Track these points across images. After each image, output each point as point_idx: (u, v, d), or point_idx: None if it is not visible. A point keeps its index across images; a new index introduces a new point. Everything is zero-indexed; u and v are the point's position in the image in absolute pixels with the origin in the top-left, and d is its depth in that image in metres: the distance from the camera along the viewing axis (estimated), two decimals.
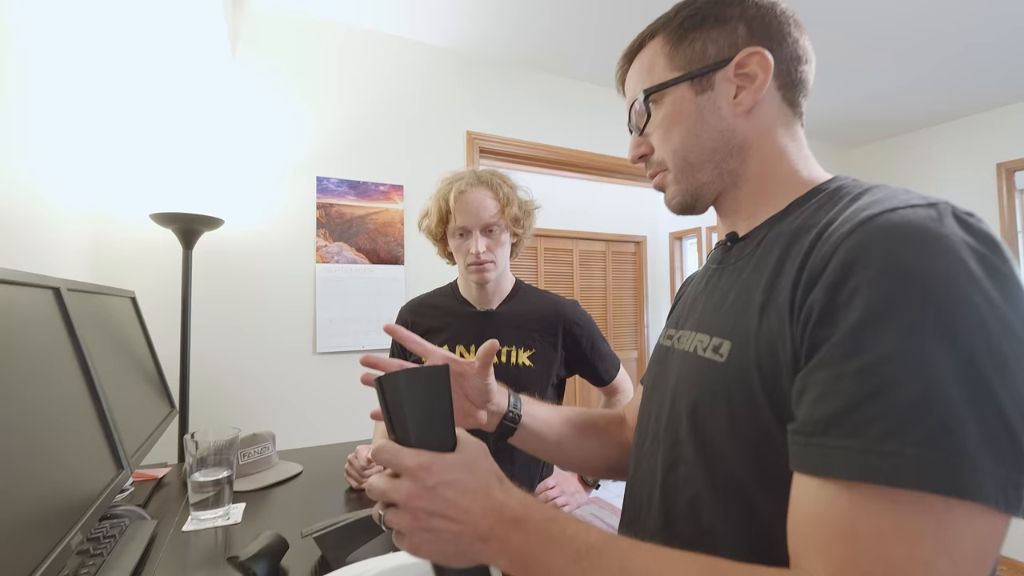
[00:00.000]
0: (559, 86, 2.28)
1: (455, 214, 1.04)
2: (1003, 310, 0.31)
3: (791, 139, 0.50)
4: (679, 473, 0.47)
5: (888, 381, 0.31)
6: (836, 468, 0.32)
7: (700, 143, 0.51)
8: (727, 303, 0.47)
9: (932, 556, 0.29)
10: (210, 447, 0.85)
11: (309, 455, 1.23)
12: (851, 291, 0.33)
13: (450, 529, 0.38)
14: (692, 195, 0.53)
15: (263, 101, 1.67)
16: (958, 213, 0.35)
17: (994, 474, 0.29)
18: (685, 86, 0.50)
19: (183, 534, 0.79)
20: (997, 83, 2.43)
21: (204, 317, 1.54)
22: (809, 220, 0.42)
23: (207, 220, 1.36)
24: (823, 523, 0.32)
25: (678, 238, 4.62)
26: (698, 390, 0.46)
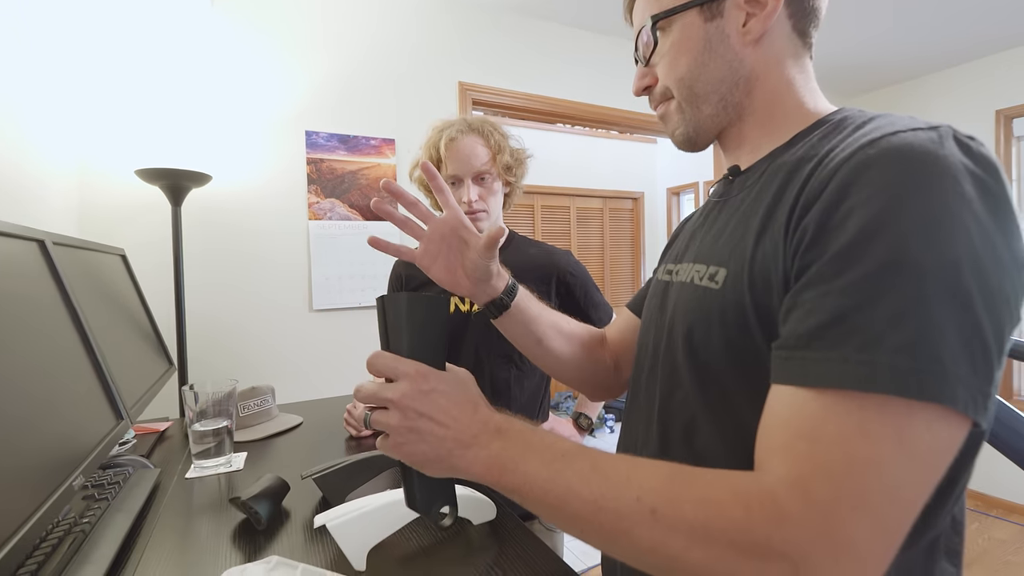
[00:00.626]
0: (553, 33, 2.19)
1: (446, 162, 1.02)
2: (991, 232, 0.32)
3: (799, 71, 0.49)
4: (675, 398, 0.49)
5: (871, 295, 0.32)
6: (812, 377, 0.33)
7: (707, 72, 0.49)
8: (726, 233, 0.47)
9: (889, 455, 0.30)
10: (208, 398, 0.86)
11: (308, 408, 1.25)
12: (845, 212, 0.34)
13: (435, 432, 0.41)
14: (695, 128, 0.52)
15: (247, 53, 1.61)
16: (959, 136, 0.35)
17: (966, 382, 0.30)
18: (694, 12, 0.48)
19: (187, 480, 0.81)
20: (995, 28, 2.35)
21: (197, 275, 1.54)
22: (812, 150, 0.42)
23: (194, 176, 1.34)
24: (790, 426, 0.34)
25: (675, 193, 4.56)
26: (694, 317, 0.46)
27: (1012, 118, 2.63)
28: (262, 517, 0.64)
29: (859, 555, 0.30)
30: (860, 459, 0.30)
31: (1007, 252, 0.32)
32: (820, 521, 0.30)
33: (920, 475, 0.31)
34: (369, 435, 1.03)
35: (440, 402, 0.41)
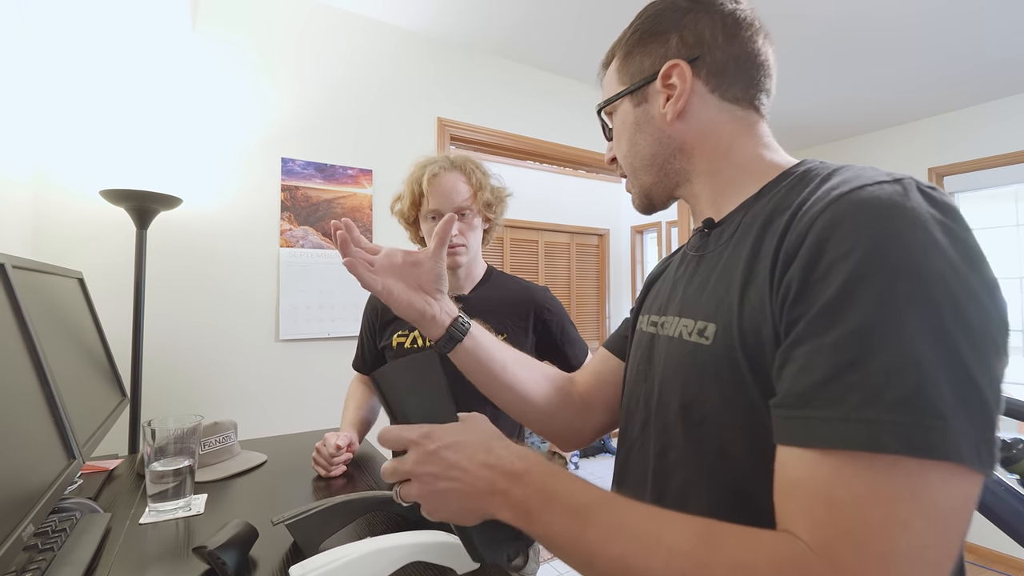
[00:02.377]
0: (530, 76, 2.28)
1: (428, 197, 1.04)
2: (967, 277, 0.33)
3: (743, 132, 0.52)
4: (669, 458, 0.48)
5: (863, 351, 0.32)
6: (816, 438, 0.33)
7: (639, 150, 0.56)
8: (709, 286, 0.48)
9: (908, 517, 0.30)
10: (170, 436, 0.81)
11: (273, 445, 1.19)
12: (826, 267, 0.35)
13: (454, 488, 0.42)
14: (645, 195, 0.58)
15: (225, 76, 1.59)
16: (922, 187, 0.37)
17: (967, 434, 0.30)
18: (627, 100, 0.56)
19: (140, 527, 0.75)
20: (928, 95, 2.62)
21: (159, 302, 1.46)
22: (783, 201, 0.44)
23: (163, 199, 1.29)
24: (804, 489, 0.34)
25: (639, 232, 4.72)
26: (686, 374, 0.46)
27: (943, 175, 2.90)
28: (229, 568, 0.60)
29: None
30: (879, 523, 0.30)
31: (985, 293, 0.33)
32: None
33: (942, 535, 0.30)
34: (338, 475, 0.99)
35: (449, 457, 0.42)
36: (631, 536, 0.37)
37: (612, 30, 0.61)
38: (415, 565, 0.62)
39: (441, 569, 0.63)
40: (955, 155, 2.83)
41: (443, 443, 0.43)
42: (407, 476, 0.43)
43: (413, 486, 0.43)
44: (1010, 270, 2.71)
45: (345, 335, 1.75)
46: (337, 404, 1.63)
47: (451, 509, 0.42)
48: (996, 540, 2.51)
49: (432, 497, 0.42)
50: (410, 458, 0.43)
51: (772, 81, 0.53)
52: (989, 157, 2.70)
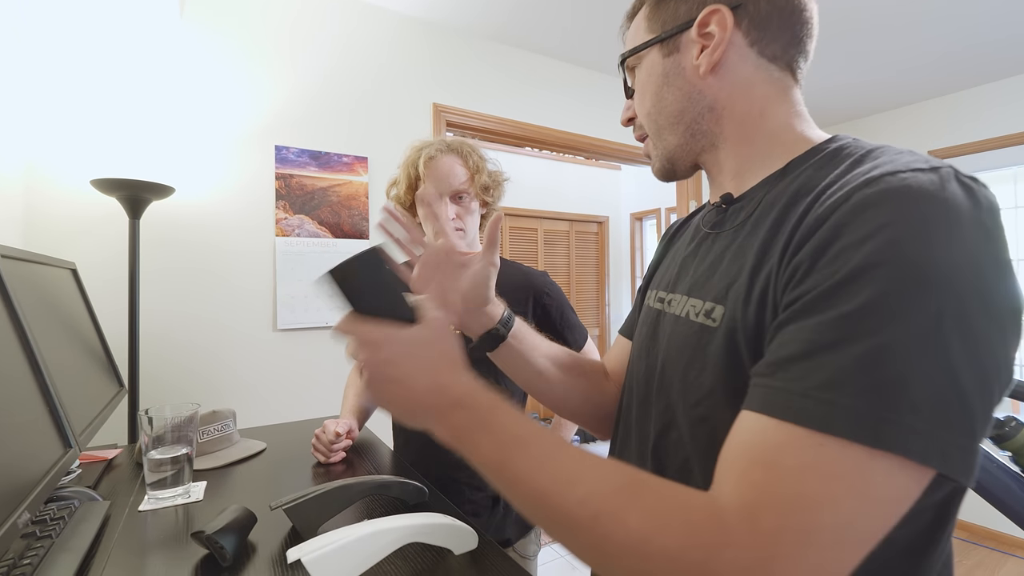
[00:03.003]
0: (528, 61, 2.25)
1: (424, 180, 1.03)
2: (990, 283, 0.31)
3: (777, 96, 0.48)
4: (670, 438, 0.47)
5: (844, 335, 0.31)
6: (774, 406, 0.33)
7: (666, 106, 0.51)
8: (721, 267, 0.46)
9: (841, 495, 0.30)
10: (167, 424, 0.81)
11: (272, 433, 1.19)
12: (836, 252, 0.33)
13: (400, 394, 0.43)
14: (668, 158, 0.53)
15: (216, 63, 1.57)
16: (961, 178, 0.34)
17: (929, 435, 0.29)
18: (656, 49, 0.51)
19: (140, 514, 0.76)
20: (929, 76, 2.59)
21: (154, 292, 1.46)
22: (809, 182, 0.41)
23: (156, 188, 1.28)
24: (749, 452, 0.33)
25: (639, 219, 4.70)
26: (690, 355, 0.45)
27: (944, 158, 2.87)
28: (228, 552, 0.60)
29: None
30: (813, 496, 0.30)
31: (1005, 304, 0.32)
32: (761, 551, 0.30)
33: (871, 521, 0.30)
34: (338, 461, 0.99)
35: (397, 371, 0.43)
36: (554, 472, 0.37)
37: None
38: (412, 546, 0.62)
39: (438, 550, 0.63)
40: (956, 137, 2.81)
41: (393, 354, 0.43)
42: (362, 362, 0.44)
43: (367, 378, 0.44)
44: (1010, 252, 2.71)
45: None
46: (336, 392, 1.64)
47: (395, 407, 0.44)
48: (987, 517, 2.54)
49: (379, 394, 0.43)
50: (363, 355, 0.43)
51: (813, 43, 0.49)
52: (989, 139, 2.69)
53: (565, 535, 0.36)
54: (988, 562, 2.45)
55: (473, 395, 0.42)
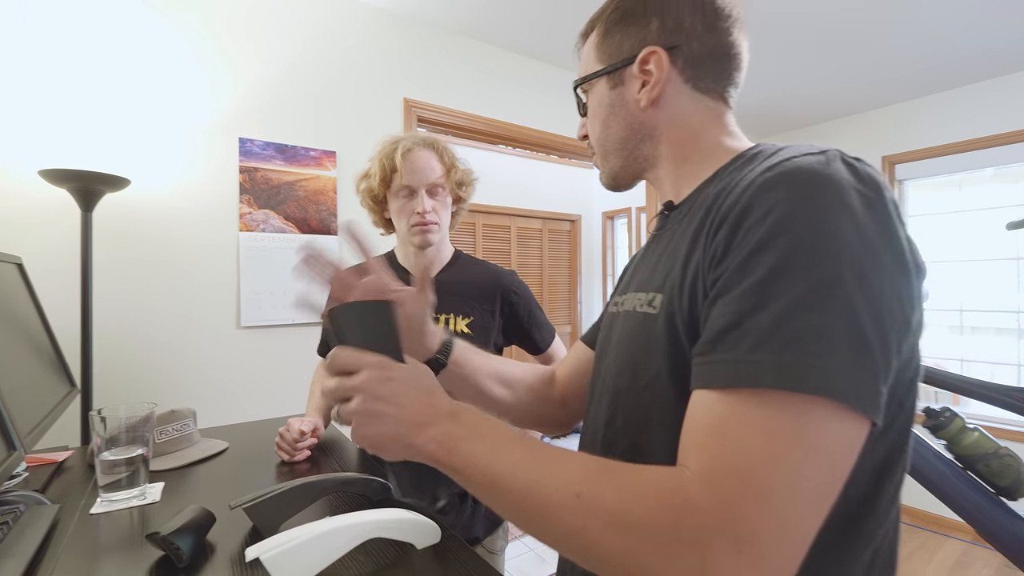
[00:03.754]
0: (499, 58, 2.25)
1: (401, 172, 1.02)
2: (873, 240, 0.36)
3: (711, 122, 0.53)
4: (616, 425, 0.51)
5: (762, 300, 0.35)
6: (715, 379, 0.36)
7: (611, 133, 0.56)
8: (661, 262, 0.51)
9: (786, 449, 0.32)
10: (122, 424, 0.79)
11: (235, 432, 1.17)
12: (746, 230, 0.38)
13: (393, 414, 0.44)
14: (612, 177, 0.60)
15: (176, 51, 1.51)
16: (845, 158, 0.39)
17: (849, 376, 0.33)
18: (603, 80, 0.56)
19: (92, 517, 0.73)
20: (883, 84, 2.71)
21: (110, 289, 1.40)
22: (730, 181, 0.46)
23: (110, 179, 1.23)
24: (703, 426, 0.37)
25: (610, 217, 4.77)
26: (638, 342, 0.49)
27: (895, 163, 3.03)
28: (184, 553, 0.59)
29: (760, 548, 0.32)
30: (761, 455, 0.33)
31: (891, 258, 0.36)
32: (724, 514, 0.32)
33: (819, 470, 0.33)
34: (303, 460, 0.98)
35: (398, 388, 0.45)
36: (539, 464, 0.40)
37: (579, 11, 0.61)
38: (375, 542, 0.63)
39: (401, 545, 0.64)
40: (905, 144, 2.96)
41: (396, 375, 0.46)
42: (352, 393, 0.44)
43: (355, 403, 0.44)
44: (951, 254, 2.87)
45: (309, 321, 1.73)
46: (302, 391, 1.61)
47: (380, 433, 0.44)
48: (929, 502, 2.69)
49: (369, 417, 0.44)
50: (363, 376, 0.45)
51: (742, 74, 0.54)
52: (935, 146, 2.84)
53: (548, 525, 0.38)
54: (929, 544, 2.60)
55: (461, 409, 0.45)
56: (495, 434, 0.43)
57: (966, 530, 2.62)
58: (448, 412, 0.45)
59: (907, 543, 2.61)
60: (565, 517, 0.37)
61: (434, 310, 1.04)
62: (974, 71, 2.54)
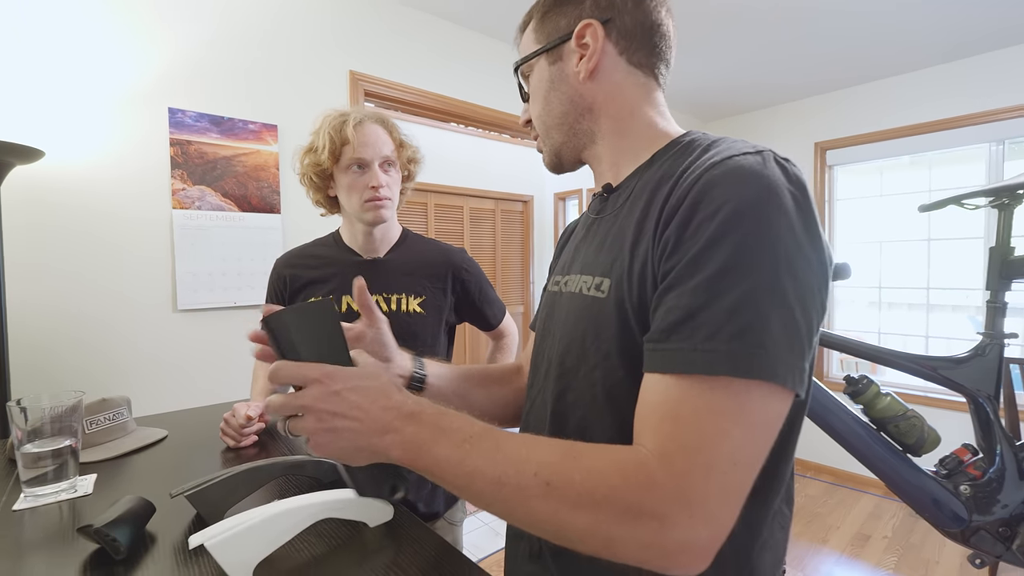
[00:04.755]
0: (451, 33, 2.20)
1: (354, 145, 0.98)
2: (801, 238, 0.40)
3: (644, 98, 0.56)
4: (567, 400, 0.53)
5: (712, 295, 0.39)
6: (671, 365, 0.40)
7: (552, 108, 0.58)
8: (605, 246, 0.53)
9: (730, 427, 0.37)
10: (45, 415, 0.74)
11: (174, 420, 1.12)
12: (696, 225, 0.41)
13: (351, 427, 0.43)
14: (555, 154, 0.60)
15: (94, 13, 1.37)
16: (778, 159, 0.44)
17: (785, 361, 0.38)
18: (543, 58, 0.57)
19: (14, 513, 0.69)
20: (813, 75, 2.86)
21: (24, 272, 1.29)
22: (669, 169, 0.49)
23: (18, 150, 1.12)
24: (657, 409, 0.40)
25: (562, 198, 4.82)
26: (586, 324, 0.51)
27: (826, 149, 3.22)
28: (121, 545, 0.57)
29: (709, 511, 0.37)
30: (709, 434, 0.37)
31: (814, 254, 0.41)
32: (679, 487, 0.37)
33: (756, 440, 0.38)
34: (250, 445, 0.96)
35: (351, 398, 0.44)
36: (506, 457, 0.41)
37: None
38: (326, 523, 0.63)
39: (353, 524, 0.64)
40: (836, 132, 3.15)
41: (346, 385, 0.44)
42: (300, 411, 0.44)
43: (307, 421, 0.43)
44: (872, 235, 3.11)
45: (253, 303, 1.66)
46: (245, 375, 1.56)
47: (342, 448, 0.44)
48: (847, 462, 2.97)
49: (326, 434, 0.43)
50: (309, 394, 0.43)
51: (672, 53, 0.57)
52: (862, 134, 3.04)
53: (522, 512, 0.40)
54: (847, 500, 2.88)
55: (423, 408, 0.45)
56: (459, 430, 0.43)
57: (878, 486, 2.92)
58: (408, 413, 0.44)
59: (828, 500, 2.88)
60: (538, 505, 0.39)
61: (385, 290, 1.04)
62: (899, 63, 2.72)
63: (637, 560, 0.38)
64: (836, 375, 3.29)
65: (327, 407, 0.43)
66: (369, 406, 0.44)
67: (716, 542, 0.37)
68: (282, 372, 0.45)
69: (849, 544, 2.43)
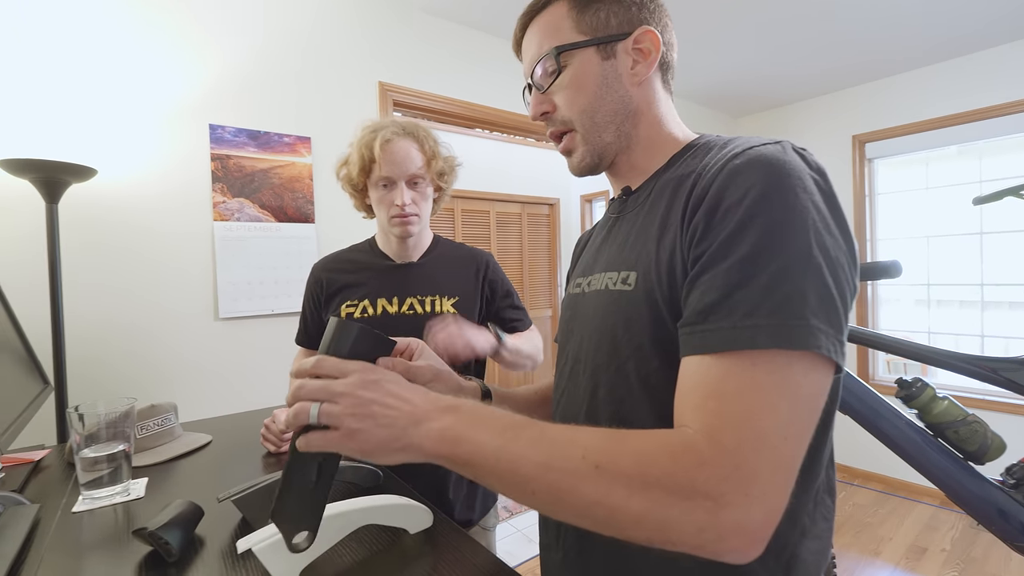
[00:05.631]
0: (475, 40, 2.22)
1: (380, 163, 1.00)
2: (827, 217, 0.42)
3: (667, 108, 0.59)
4: (600, 396, 0.53)
5: (748, 274, 0.40)
6: (712, 345, 0.40)
7: (605, 106, 0.56)
8: (629, 242, 0.54)
9: (776, 400, 0.37)
10: (101, 420, 0.77)
11: (217, 425, 1.15)
12: (724, 210, 0.42)
13: (388, 414, 0.43)
14: (598, 155, 0.58)
15: (143, 36, 1.45)
16: (796, 148, 0.45)
17: (825, 332, 0.38)
18: (592, 50, 0.55)
19: (74, 515, 0.72)
20: (852, 64, 2.75)
21: (80, 284, 1.36)
22: (688, 167, 0.51)
23: (75, 169, 1.18)
24: (700, 388, 0.40)
25: (588, 200, 4.79)
26: (614, 319, 0.51)
27: (865, 142, 3.09)
28: (173, 547, 0.58)
29: (763, 487, 0.36)
30: (756, 408, 0.37)
31: (839, 232, 0.42)
32: (730, 463, 0.36)
33: (803, 413, 0.38)
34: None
35: (389, 388, 0.45)
36: (551, 442, 0.41)
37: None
38: (367, 529, 0.63)
39: (393, 531, 0.64)
40: (875, 123, 3.02)
41: (385, 377, 0.46)
42: (337, 397, 0.43)
43: (342, 405, 0.43)
44: (918, 230, 2.96)
45: (289, 311, 1.70)
46: (283, 381, 1.60)
47: (375, 436, 0.42)
48: (899, 469, 2.82)
49: (361, 420, 0.42)
50: (348, 381, 0.44)
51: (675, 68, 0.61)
52: (904, 125, 2.91)
53: (571, 499, 0.39)
54: (900, 510, 2.73)
55: (462, 402, 0.45)
56: (499, 421, 0.43)
57: (934, 495, 2.76)
58: (447, 406, 0.44)
59: (879, 509, 2.74)
60: (587, 489, 0.38)
61: (419, 293, 1.05)
62: (941, 51, 2.60)
63: (692, 545, 0.37)
64: (883, 378, 3.14)
65: (365, 393, 0.43)
66: (409, 396, 0.45)
67: (770, 525, 0.37)
68: (326, 364, 0.45)
69: (904, 557, 2.31)
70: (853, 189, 3.11)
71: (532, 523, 2.62)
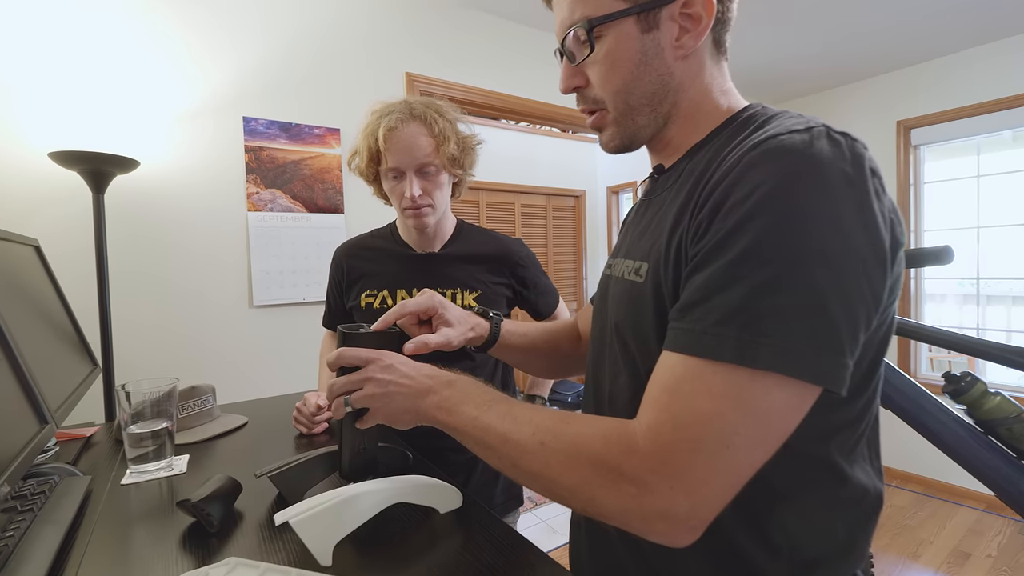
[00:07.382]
0: (501, 28, 2.20)
1: (385, 154, 0.95)
2: (847, 222, 0.36)
3: (717, 74, 0.52)
4: (619, 384, 0.53)
5: (729, 280, 0.38)
6: (680, 344, 0.40)
7: (642, 86, 0.50)
8: (649, 230, 0.52)
9: (726, 410, 0.36)
10: (146, 399, 0.80)
11: (252, 407, 1.19)
12: (728, 208, 0.39)
13: (401, 391, 0.53)
14: (630, 137, 0.54)
15: (181, 32, 1.49)
16: (832, 134, 0.39)
17: (805, 353, 0.35)
18: (631, 21, 0.48)
19: (122, 487, 0.76)
20: (897, 47, 2.62)
21: (123, 270, 1.42)
22: (719, 151, 0.45)
23: (119, 160, 1.23)
24: (660, 383, 0.41)
25: (615, 192, 4.72)
26: (626, 309, 0.51)
27: (910, 128, 2.95)
28: (215, 519, 0.61)
29: (691, 485, 0.37)
30: (702, 413, 0.37)
31: (863, 238, 0.37)
32: (659, 457, 0.38)
33: (756, 427, 0.37)
34: (320, 432, 1.00)
35: (402, 369, 0.54)
36: (513, 418, 0.47)
37: None
38: (398, 507, 0.64)
39: (424, 510, 0.65)
40: (921, 108, 2.87)
41: (397, 360, 0.55)
42: (361, 384, 0.53)
43: (367, 389, 0.53)
44: (967, 220, 2.81)
45: (319, 299, 1.74)
46: (312, 366, 1.63)
47: (394, 409, 0.53)
48: (941, 471, 2.70)
49: (382, 398, 0.53)
50: (370, 368, 0.54)
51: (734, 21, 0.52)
52: (951, 109, 2.76)
53: (522, 466, 0.45)
54: (941, 513, 2.62)
55: (456, 377, 0.54)
56: (482, 396, 0.51)
57: (978, 498, 2.64)
58: (447, 381, 0.53)
59: (918, 512, 2.64)
60: (532, 461, 0.44)
61: (440, 285, 1.04)
62: (990, 30, 2.45)
63: (619, 522, 0.40)
64: (926, 374, 3.01)
65: (383, 376, 0.53)
66: (416, 374, 0.54)
67: (699, 516, 0.38)
68: (346, 354, 0.55)
69: (945, 562, 2.22)
70: (897, 178, 2.98)
71: (556, 514, 2.62)
